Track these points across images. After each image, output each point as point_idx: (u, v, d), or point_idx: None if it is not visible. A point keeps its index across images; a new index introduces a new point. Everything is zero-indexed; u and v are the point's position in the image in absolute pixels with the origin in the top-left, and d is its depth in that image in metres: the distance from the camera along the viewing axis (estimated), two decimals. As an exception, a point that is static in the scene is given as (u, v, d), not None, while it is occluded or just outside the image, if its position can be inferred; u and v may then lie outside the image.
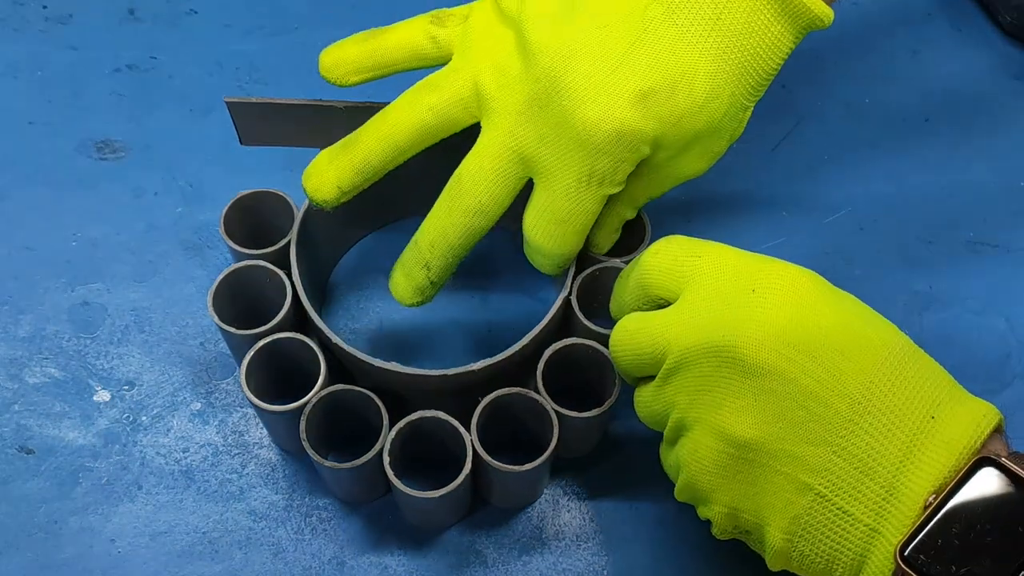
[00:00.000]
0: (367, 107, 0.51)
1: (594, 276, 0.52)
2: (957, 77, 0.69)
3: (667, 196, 0.61)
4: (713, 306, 0.40)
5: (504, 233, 0.61)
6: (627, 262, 0.52)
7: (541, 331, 0.49)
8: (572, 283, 0.51)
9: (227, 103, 0.50)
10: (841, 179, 0.64)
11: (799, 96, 0.68)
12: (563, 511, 0.53)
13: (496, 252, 0.60)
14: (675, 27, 0.44)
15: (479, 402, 0.47)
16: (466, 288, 0.59)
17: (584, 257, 0.52)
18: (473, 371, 0.48)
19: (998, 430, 0.37)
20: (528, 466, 0.46)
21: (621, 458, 0.54)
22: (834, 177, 0.64)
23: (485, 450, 0.46)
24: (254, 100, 0.50)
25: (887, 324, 0.40)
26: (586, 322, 0.50)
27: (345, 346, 0.48)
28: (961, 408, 0.37)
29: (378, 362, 0.48)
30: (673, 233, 0.47)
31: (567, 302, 0.51)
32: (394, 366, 0.48)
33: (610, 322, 0.51)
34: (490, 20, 0.48)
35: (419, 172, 0.56)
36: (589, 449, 0.54)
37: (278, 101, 0.50)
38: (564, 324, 0.52)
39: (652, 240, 0.52)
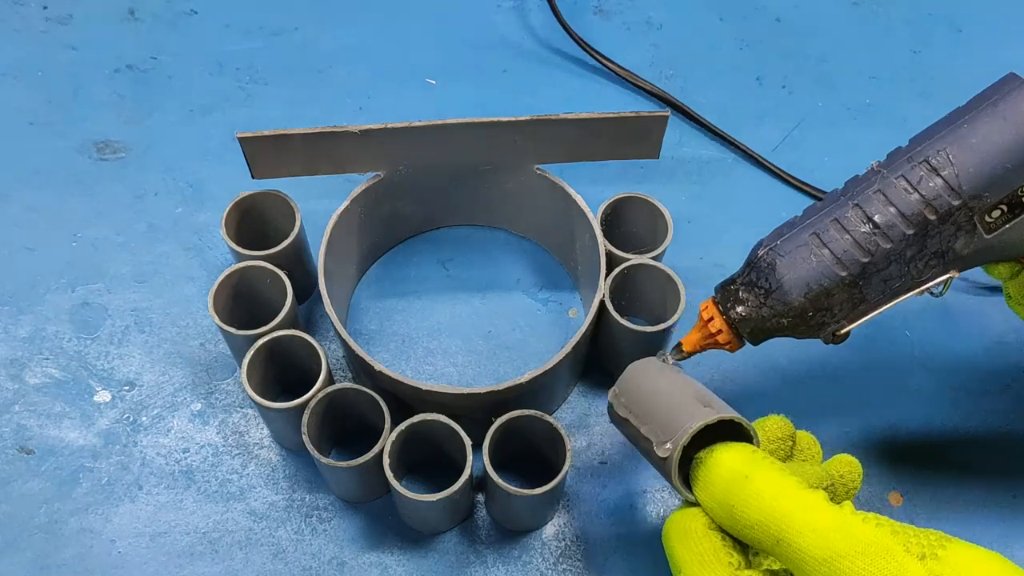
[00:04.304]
0: (383, 130, 0.50)
1: (624, 274, 0.52)
2: (956, 78, 0.69)
3: (671, 197, 0.61)
4: None
5: (504, 233, 0.61)
6: (654, 257, 0.52)
7: (581, 337, 0.49)
8: (604, 284, 0.51)
9: (239, 138, 0.50)
10: (841, 180, 0.64)
11: (799, 96, 0.68)
12: (564, 512, 0.53)
13: (496, 252, 0.60)
14: None
15: (492, 419, 0.47)
16: (466, 288, 0.59)
17: (612, 256, 0.52)
18: (520, 383, 0.48)
19: None
20: (540, 489, 0.46)
21: (622, 461, 0.54)
22: (834, 178, 0.64)
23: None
24: (267, 133, 0.50)
25: None
26: (622, 321, 0.50)
27: (392, 374, 0.48)
28: None
29: (427, 385, 0.48)
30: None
31: (601, 304, 0.51)
32: (443, 387, 0.48)
33: (643, 320, 0.50)
34: None
35: (436, 191, 0.57)
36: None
37: (292, 132, 0.50)
38: (599, 325, 0.52)
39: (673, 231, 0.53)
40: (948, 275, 0.42)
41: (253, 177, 0.52)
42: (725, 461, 0.39)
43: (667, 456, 0.40)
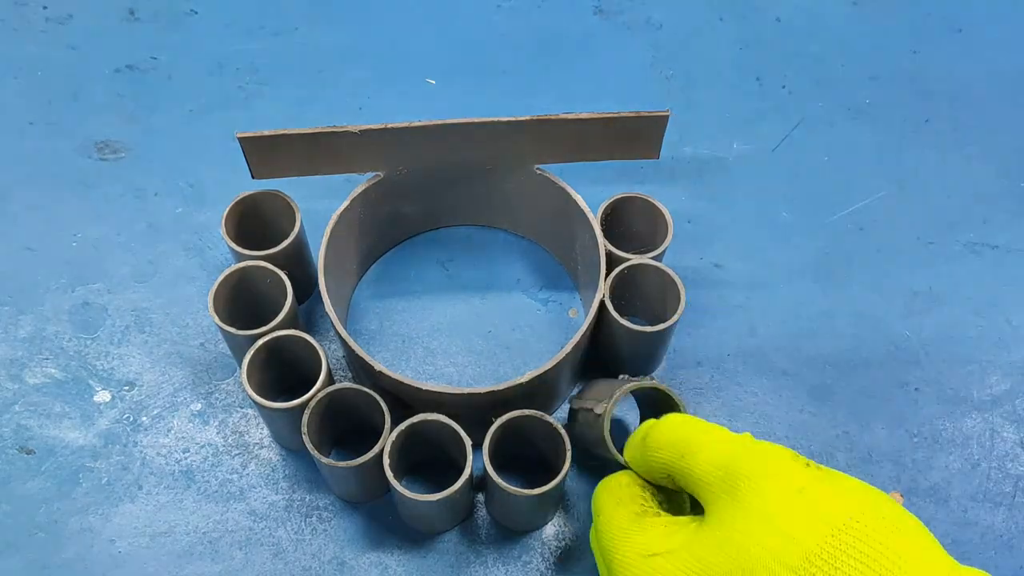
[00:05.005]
0: (383, 130, 0.50)
1: (624, 274, 0.52)
2: (956, 78, 0.69)
3: (671, 197, 0.61)
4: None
5: (504, 233, 0.61)
6: (654, 257, 0.52)
7: (581, 337, 0.49)
8: (604, 284, 0.51)
9: (239, 138, 0.49)
10: (841, 179, 0.64)
11: (799, 96, 0.68)
12: (564, 512, 0.53)
13: (496, 252, 0.60)
14: None
15: (492, 419, 0.47)
16: (466, 288, 0.59)
17: (612, 256, 0.52)
18: (520, 383, 0.48)
19: None
20: (540, 489, 0.46)
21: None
22: (834, 177, 0.64)
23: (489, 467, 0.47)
24: (267, 133, 0.49)
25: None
26: (621, 320, 0.50)
27: (392, 374, 0.48)
28: None
29: (427, 385, 0.48)
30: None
31: (601, 304, 0.51)
32: (443, 387, 0.48)
33: (643, 320, 0.50)
34: None
35: (436, 191, 0.57)
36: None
37: (292, 132, 0.50)
38: (599, 325, 0.52)
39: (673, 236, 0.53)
40: None
41: (253, 177, 0.52)
42: (645, 424, 0.44)
43: (601, 413, 0.45)
